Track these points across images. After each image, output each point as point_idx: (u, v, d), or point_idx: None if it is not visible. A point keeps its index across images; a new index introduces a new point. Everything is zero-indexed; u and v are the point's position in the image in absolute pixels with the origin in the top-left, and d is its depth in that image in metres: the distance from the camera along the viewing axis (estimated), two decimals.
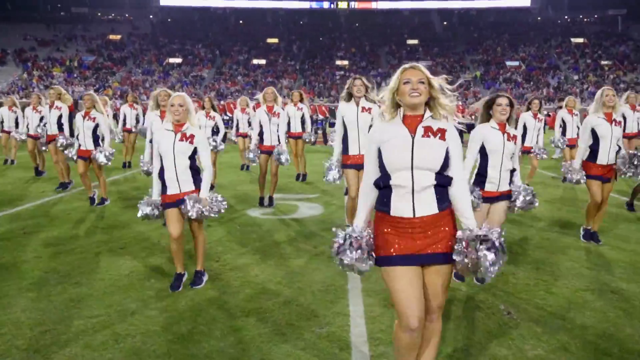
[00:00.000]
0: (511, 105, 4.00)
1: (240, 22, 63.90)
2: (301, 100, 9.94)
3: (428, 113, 2.46)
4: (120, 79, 48.73)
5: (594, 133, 5.17)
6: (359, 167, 5.36)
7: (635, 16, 55.80)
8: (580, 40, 54.35)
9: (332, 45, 59.16)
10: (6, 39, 51.50)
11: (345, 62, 54.93)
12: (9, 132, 11.31)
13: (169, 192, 4.00)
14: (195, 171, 4.08)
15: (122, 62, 52.88)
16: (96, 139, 6.99)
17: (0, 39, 51.47)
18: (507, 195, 4.19)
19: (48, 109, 8.31)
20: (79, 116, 6.93)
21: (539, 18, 61.06)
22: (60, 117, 8.16)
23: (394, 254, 2.41)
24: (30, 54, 51.10)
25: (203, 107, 8.89)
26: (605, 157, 5.15)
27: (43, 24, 56.13)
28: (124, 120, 11.44)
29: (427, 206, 2.39)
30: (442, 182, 2.41)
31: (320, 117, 17.00)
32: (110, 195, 7.68)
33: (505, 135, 4.01)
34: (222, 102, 27.33)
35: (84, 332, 3.30)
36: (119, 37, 56.99)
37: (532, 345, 3.17)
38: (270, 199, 7.31)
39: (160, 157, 4.00)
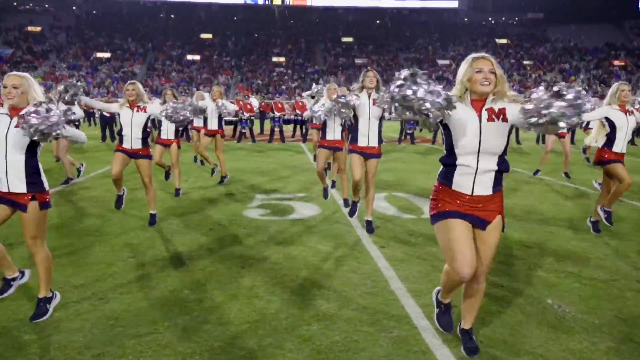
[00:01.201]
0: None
1: (172, 16, 61.74)
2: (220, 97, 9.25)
3: (491, 97, 2.71)
4: (44, 73, 45.57)
5: (610, 123, 5.47)
6: (365, 155, 5.58)
7: (551, 20, 59.88)
8: (504, 41, 57.55)
9: (268, 42, 58.70)
10: None
11: (282, 59, 54.68)
12: None
13: None
14: (34, 170, 3.37)
15: (44, 55, 49.52)
16: None
17: None
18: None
19: None
20: None
21: (465, 19, 63.88)
22: None
23: (449, 209, 2.78)
24: None
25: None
26: (620, 145, 5.46)
27: None
28: None
29: (485, 188, 2.74)
30: (502, 168, 2.76)
31: (277, 114, 16.74)
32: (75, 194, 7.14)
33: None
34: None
35: (142, 353, 3.00)
36: (38, 29, 53.23)
37: (599, 338, 3.26)
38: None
39: None
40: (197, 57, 52.90)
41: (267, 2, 62.38)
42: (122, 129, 5.76)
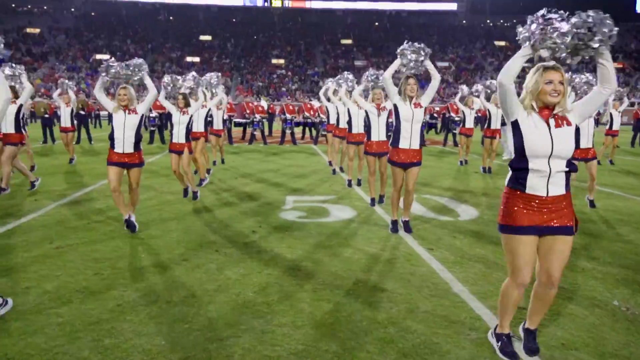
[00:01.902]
0: None
1: (171, 18, 61.64)
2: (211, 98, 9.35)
3: (558, 108, 2.81)
4: (43, 75, 45.36)
5: None
6: (406, 165, 5.59)
7: None
8: (503, 43, 57.77)
9: (267, 44, 58.66)
10: None
11: (282, 61, 54.70)
12: None
13: None
14: None
15: (43, 57, 49.27)
16: None
17: None
18: None
19: None
20: None
21: (464, 21, 64.12)
22: None
23: (522, 225, 2.82)
24: None
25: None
26: None
27: None
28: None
29: (558, 188, 2.80)
30: (572, 169, 2.83)
31: (289, 116, 16.73)
32: None
33: None
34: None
35: (229, 357, 2.97)
36: (37, 30, 53.00)
37: None
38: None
39: None
40: (196, 59, 52.80)
41: (266, 4, 62.44)
42: (114, 132, 5.54)
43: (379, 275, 4.41)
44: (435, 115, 21.26)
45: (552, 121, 2.79)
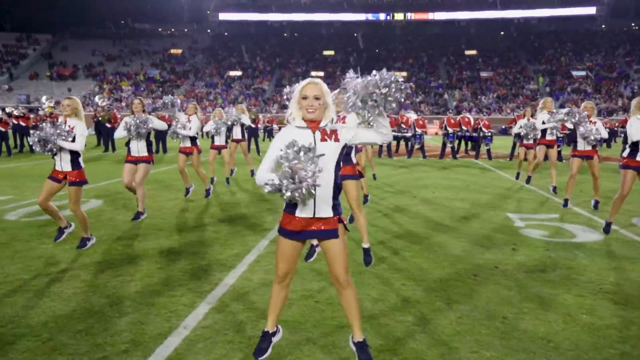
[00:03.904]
0: None
1: (296, 34, 64.39)
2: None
3: None
4: (185, 92, 49.52)
5: None
6: None
7: None
8: None
9: (389, 57, 58.91)
10: (76, 55, 53.19)
11: (404, 73, 54.51)
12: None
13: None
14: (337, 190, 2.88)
15: (185, 75, 53.84)
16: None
17: (70, 55, 53.10)
18: None
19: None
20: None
21: (602, 26, 59.39)
22: None
23: None
24: (99, 68, 52.60)
25: None
26: None
27: (109, 40, 57.85)
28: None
29: None
30: None
31: (451, 130, 16.41)
32: None
33: None
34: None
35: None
36: (179, 51, 58.19)
37: None
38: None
39: None
40: (320, 74, 54.41)
41: (388, 18, 62.84)
42: None
43: None
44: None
45: None
